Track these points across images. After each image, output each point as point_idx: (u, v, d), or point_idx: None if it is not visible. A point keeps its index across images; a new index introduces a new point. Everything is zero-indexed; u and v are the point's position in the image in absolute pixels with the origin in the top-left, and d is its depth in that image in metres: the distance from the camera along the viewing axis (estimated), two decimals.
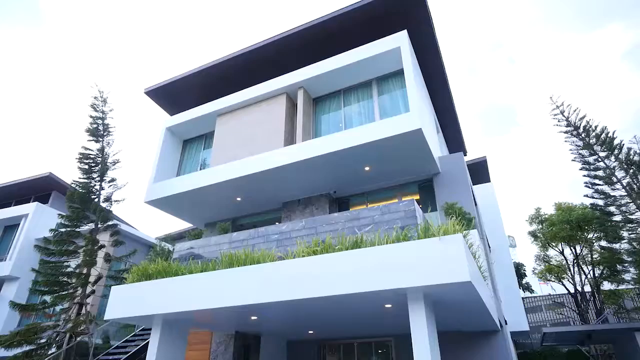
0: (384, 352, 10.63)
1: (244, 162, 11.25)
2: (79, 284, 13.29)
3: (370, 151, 9.93)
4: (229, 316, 8.03)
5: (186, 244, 9.35)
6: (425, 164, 10.62)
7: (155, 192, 12.64)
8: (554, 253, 22.14)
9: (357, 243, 6.21)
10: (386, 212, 7.09)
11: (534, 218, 22.41)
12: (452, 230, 5.60)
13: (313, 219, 7.88)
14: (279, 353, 11.42)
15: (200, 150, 14.20)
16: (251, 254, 7.12)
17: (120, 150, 15.93)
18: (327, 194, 12.07)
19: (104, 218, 14.47)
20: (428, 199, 11.07)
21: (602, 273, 19.62)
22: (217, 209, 13.18)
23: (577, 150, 18.10)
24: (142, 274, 8.18)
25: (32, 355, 12.08)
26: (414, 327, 5.68)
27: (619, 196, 16.94)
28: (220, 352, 10.06)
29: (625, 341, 13.27)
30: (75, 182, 14.79)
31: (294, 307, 6.94)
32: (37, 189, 21.84)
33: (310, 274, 6.16)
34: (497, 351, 9.19)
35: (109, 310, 8.14)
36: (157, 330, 8.17)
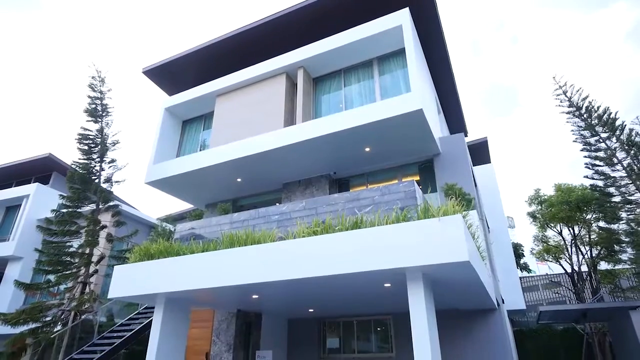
0: (382, 329, 10.85)
1: (244, 143, 11.21)
2: (82, 264, 13.46)
3: (371, 132, 9.88)
4: (230, 295, 8.16)
5: (187, 224, 9.42)
6: (426, 144, 10.59)
7: (156, 173, 12.64)
8: (552, 234, 22.33)
9: (357, 224, 6.25)
10: (386, 193, 7.11)
11: (533, 199, 22.49)
12: (452, 211, 5.63)
13: (313, 199, 7.91)
14: (280, 330, 11.66)
15: (200, 131, 14.13)
16: (252, 234, 7.18)
17: (119, 131, 15.91)
18: (327, 175, 12.08)
19: (105, 199, 14.53)
20: (428, 180, 11.08)
21: (600, 253, 19.83)
22: (217, 189, 13.21)
23: (579, 131, 18.01)
24: (144, 254, 8.27)
25: (38, 333, 12.35)
26: (413, 306, 5.78)
27: (618, 177, 16.94)
28: (222, 330, 10.27)
29: (620, 319, 13.52)
30: (75, 162, 14.80)
31: (294, 286, 7.04)
32: (37, 170, 21.84)
33: (311, 254, 6.23)
34: (494, 329, 9.38)
35: (112, 289, 8.27)
36: (160, 308, 8.32)
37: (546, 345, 18.04)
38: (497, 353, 9.08)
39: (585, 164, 17.77)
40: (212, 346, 10.19)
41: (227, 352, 9.89)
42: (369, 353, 10.76)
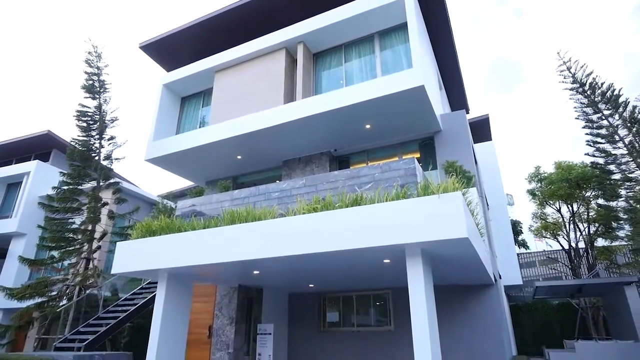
0: (381, 304, 11.08)
1: (244, 120, 11.13)
2: (84, 240, 13.62)
3: (371, 108, 9.79)
4: (231, 271, 8.30)
5: (188, 201, 9.47)
6: (427, 121, 10.52)
7: (155, 150, 12.61)
8: (551, 211, 22.46)
9: (357, 201, 6.28)
10: (386, 170, 7.11)
11: (533, 176, 22.50)
12: (452, 189, 5.65)
13: (313, 177, 7.93)
14: (281, 305, 11.92)
15: (199, 108, 14.01)
16: (252, 211, 7.23)
17: (118, 108, 15.75)
18: (328, 152, 12.05)
19: (106, 176, 14.55)
20: (429, 157, 11.07)
21: (597, 230, 20.01)
22: (217, 167, 13.21)
23: (582, 108, 17.83)
24: (146, 230, 8.36)
25: (44, 307, 12.62)
26: (411, 281, 5.88)
27: (619, 155, 16.89)
28: (224, 304, 10.49)
29: (615, 294, 13.79)
30: (74, 140, 14.74)
31: (295, 262, 7.14)
32: (37, 147, 21.77)
33: (311, 231, 6.29)
34: (490, 304, 9.58)
35: (115, 265, 8.40)
36: (163, 283, 8.47)
37: (541, 319, 18.46)
38: (492, 327, 9.31)
39: (586, 142, 17.69)
40: (215, 320, 10.44)
41: (230, 326, 10.14)
42: (368, 327, 11.02)
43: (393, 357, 10.12)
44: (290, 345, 11.67)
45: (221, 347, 10.02)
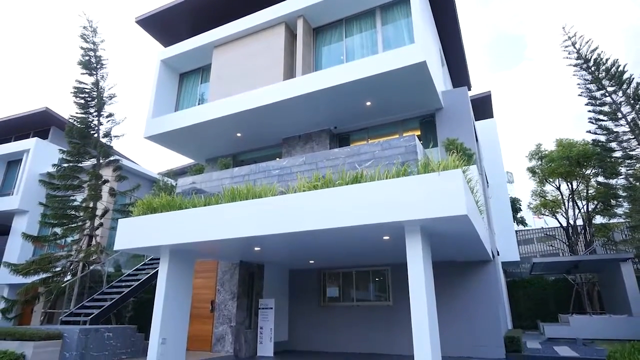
0: (380, 279, 11.27)
1: (243, 97, 11.01)
2: (86, 217, 13.72)
3: (372, 85, 9.67)
4: (233, 247, 8.40)
5: (188, 179, 9.49)
6: (428, 98, 10.41)
7: (154, 127, 12.53)
8: (550, 188, 22.54)
9: (357, 178, 6.29)
10: (387, 148, 7.09)
11: (534, 154, 22.46)
12: (452, 166, 5.64)
13: (313, 154, 7.91)
14: (282, 280, 12.13)
15: (198, 84, 13.83)
16: (253, 188, 7.25)
17: (115, 84, 15.57)
18: (328, 129, 11.98)
19: (105, 153, 14.52)
20: (429, 135, 11.01)
21: (596, 208, 20.13)
22: (217, 144, 13.16)
23: (585, 85, 17.59)
24: (147, 207, 8.41)
25: (49, 282, 12.84)
26: (410, 258, 5.95)
27: (621, 132, 16.78)
28: (226, 280, 10.67)
29: (610, 271, 14.00)
30: (72, 117, 14.63)
31: (295, 239, 7.22)
32: (35, 125, 21.63)
33: (311, 208, 6.33)
34: (487, 279, 9.74)
35: (117, 241, 8.50)
36: (165, 259, 8.59)
37: (537, 294, 18.82)
38: (489, 302, 9.50)
39: (588, 119, 17.55)
40: (217, 295, 10.65)
41: (232, 300, 10.34)
42: (367, 301, 11.25)
43: (391, 330, 10.38)
44: (291, 319, 11.94)
45: (223, 321, 10.25)
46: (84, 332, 8.16)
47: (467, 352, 9.26)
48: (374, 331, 10.66)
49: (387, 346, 10.31)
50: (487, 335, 9.22)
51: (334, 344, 11.06)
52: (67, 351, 8.00)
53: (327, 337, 11.23)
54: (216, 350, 10.06)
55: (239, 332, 10.12)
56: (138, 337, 9.41)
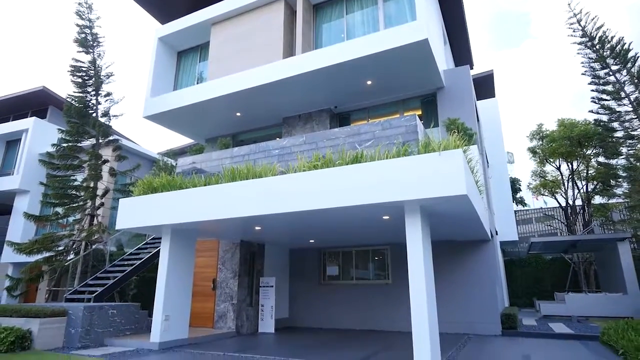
0: (380, 258, 11.40)
1: (242, 76, 10.88)
2: (87, 197, 13.77)
3: (373, 64, 9.54)
4: (233, 226, 8.46)
5: (188, 158, 9.47)
6: (430, 77, 10.28)
7: (153, 107, 12.43)
8: (550, 169, 22.51)
9: (358, 158, 6.28)
10: (387, 128, 7.06)
11: (535, 134, 22.33)
12: (453, 146, 5.63)
13: (314, 134, 7.88)
14: (282, 259, 12.28)
15: (196, 63, 13.64)
16: (253, 168, 7.26)
17: (112, 63, 15.33)
18: (328, 109, 11.89)
19: (104, 133, 14.45)
20: (430, 115, 10.93)
21: (595, 188, 20.16)
22: (217, 124, 13.08)
23: (589, 63, 17.34)
24: (147, 187, 8.44)
25: (52, 261, 13.00)
26: (410, 237, 6.01)
27: (624, 112, 16.65)
28: (227, 259, 10.80)
29: (608, 250, 14.14)
30: (70, 96, 14.49)
31: (295, 219, 7.27)
32: (33, 104, 21.44)
33: (311, 188, 6.35)
34: (485, 259, 9.86)
35: (119, 221, 8.56)
36: (167, 239, 8.68)
37: (534, 273, 19.06)
38: (486, 280, 9.64)
39: (591, 98, 17.37)
40: (219, 273, 10.79)
41: (233, 279, 10.50)
42: (366, 280, 11.41)
43: (390, 308, 10.57)
44: (292, 297, 12.15)
45: (225, 298, 10.43)
46: (89, 310, 8.32)
47: (464, 328, 9.46)
48: (373, 308, 10.85)
49: (386, 323, 10.52)
50: (484, 313, 9.40)
51: (333, 321, 11.29)
52: (72, 327, 8.18)
53: (327, 314, 11.45)
54: (218, 326, 10.28)
55: (241, 309, 10.31)
56: (142, 314, 9.59)
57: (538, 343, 8.15)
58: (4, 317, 8.30)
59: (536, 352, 7.15)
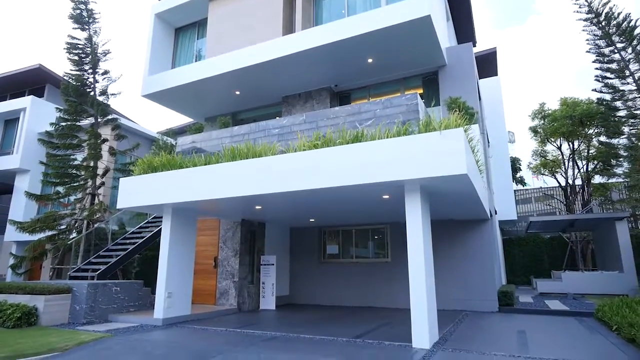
0: (379, 237, 11.51)
1: (241, 54, 10.71)
2: (88, 176, 13.79)
3: (375, 41, 9.37)
4: (234, 205, 8.51)
5: (188, 138, 9.43)
6: (432, 55, 10.12)
7: (151, 85, 12.30)
8: (551, 148, 22.45)
9: (358, 137, 6.26)
10: (388, 106, 7.00)
11: (536, 113, 22.16)
12: (454, 125, 5.60)
13: (314, 113, 7.82)
14: (283, 238, 12.39)
15: (194, 40, 13.40)
16: (253, 147, 7.24)
17: (109, 40, 15.06)
18: (328, 87, 11.76)
19: (103, 112, 14.34)
20: (432, 93, 10.82)
21: (595, 167, 20.16)
22: (216, 102, 12.97)
23: (594, 41, 17.05)
24: (147, 166, 8.44)
25: (55, 239, 13.13)
26: (409, 216, 6.05)
27: (627, 91, 16.48)
28: (228, 237, 10.90)
29: (605, 229, 14.26)
30: (67, 74, 14.31)
31: (295, 198, 7.30)
32: (30, 83, 21.19)
33: (312, 167, 6.34)
34: (484, 237, 9.95)
35: (120, 200, 8.60)
36: (168, 217, 8.74)
37: (532, 252, 19.29)
38: (485, 259, 9.76)
39: (595, 76, 17.16)
40: (220, 252, 10.92)
41: (234, 257, 10.62)
42: (366, 258, 11.55)
43: (390, 286, 10.74)
44: (292, 275, 12.33)
45: (227, 276, 10.58)
46: (92, 287, 8.46)
47: (462, 306, 9.64)
48: (372, 286, 11.03)
49: (385, 300, 10.71)
50: (482, 290, 9.56)
51: (334, 298, 11.49)
52: (77, 304, 8.33)
53: (327, 291, 11.64)
54: (220, 303, 10.47)
55: (242, 286, 10.48)
56: (145, 292, 9.75)
57: (533, 319, 8.32)
58: (10, 294, 8.45)
59: (531, 327, 7.30)
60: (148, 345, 6.19)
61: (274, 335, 6.77)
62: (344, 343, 6.10)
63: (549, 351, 5.39)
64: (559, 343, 6.05)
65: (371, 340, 6.17)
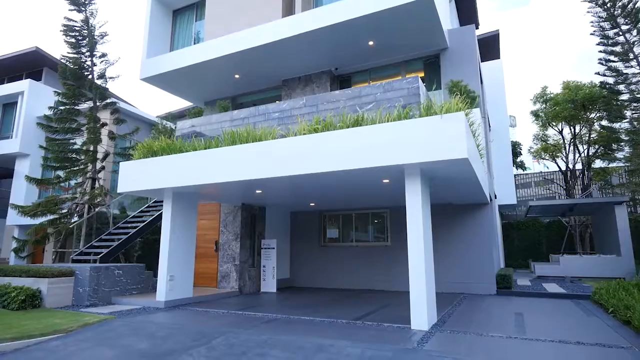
0: (379, 221, 11.57)
1: (240, 36, 10.56)
2: (88, 160, 13.78)
3: (376, 22, 9.23)
4: (234, 190, 8.52)
5: (187, 122, 9.39)
6: (434, 37, 9.98)
7: (150, 68, 12.17)
8: (552, 132, 22.35)
9: (358, 121, 6.23)
10: (389, 90, 6.94)
11: (538, 97, 21.99)
12: (455, 109, 5.56)
13: (314, 96, 7.76)
14: (283, 222, 12.46)
15: (192, 22, 13.20)
16: (253, 131, 7.21)
17: (106, 22, 14.83)
18: (329, 71, 11.64)
19: (101, 95, 14.24)
20: (433, 77, 10.72)
21: (596, 152, 20.12)
22: (215, 86, 12.85)
23: (599, 23, 16.80)
24: (147, 150, 8.42)
25: (57, 223, 13.21)
26: (409, 200, 6.07)
27: (631, 74, 16.33)
28: (229, 221, 10.96)
29: (604, 213, 14.31)
30: (64, 57, 14.15)
31: (296, 182, 7.31)
32: (27, 66, 20.97)
33: (312, 151, 6.33)
34: (483, 222, 10.00)
35: (120, 184, 8.62)
36: (169, 202, 8.77)
37: (530, 236, 19.42)
38: (483, 242, 9.83)
39: (598, 60, 16.98)
40: (221, 235, 10.99)
41: (235, 241, 10.70)
42: (366, 242, 11.64)
43: (389, 269, 10.85)
44: (293, 258, 12.45)
45: (228, 259, 10.69)
46: (95, 270, 8.54)
47: (461, 288, 9.76)
48: (372, 270, 11.14)
49: (385, 283, 10.83)
50: (480, 274, 9.66)
51: (334, 281, 11.62)
52: (80, 287, 8.44)
53: (328, 275, 11.77)
54: (222, 286, 10.60)
55: (243, 270, 10.60)
56: (147, 275, 9.86)
57: (531, 302, 8.44)
58: (14, 277, 8.55)
59: (528, 309, 7.41)
60: (151, 326, 6.30)
61: (274, 317, 6.88)
62: (344, 325, 6.20)
63: (545, 333, 5.49)
64: (556, 325, 6.15)
65: (371, 322, 6.27)
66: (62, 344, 5.38)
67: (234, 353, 4.74)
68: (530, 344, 4.91)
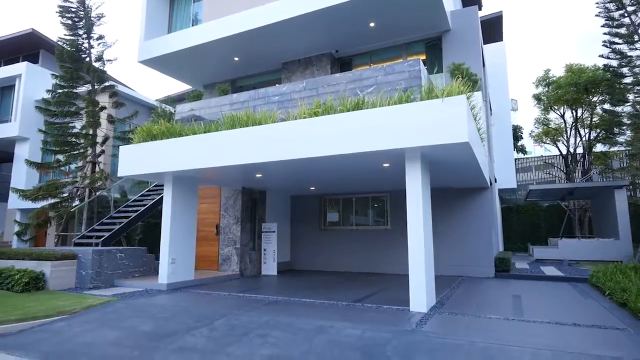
0: (379, 205, 11.61)
1: (239, 18, 10.39)
2: (87, 144, 13.75)
3: (377, 3, 9.06)
4: (234, 174, 8.53)
5: (187, 105, 9.32)
6: (436, 19, 9.81)
7: (148, 51, 12.01)
8: (554, 116, 22.20)
9: (359, 104, 6.18)
10: (390, 73, 6.86)
11: (541, 80, 21.75)
12: (456, 92, 5.51)
13: (314, 80, 7.69)
14: (284, 206, 12.51)
15: (191, 3, 12.97)
16: (253, 115, 7.17)
17: (103, 3, 14.58)
18: (329, 53, 11.49)
19: (100, 78, 14.11)
20: (435, 59, 10.59)
21: (598, 136, 20.02)
22: (214, 69, 12.71)
23: (604, 4, 16.49)
24: (147, 134, 8.39)
25: (58, 207, 13.27)
26: (410, 184, 6.07)
27: (635, 57, 16.11)
28: (229, 205, 11.00)
29: (604, 197, 14.34)
30: (61, 39, 13.96)
31: (296, 166, 7.31)
32: (23, 48, 20.69)
33: (312, 135, 6.31)
34: (483, 205, 10.03)
35: (120, 168, 8.62)
36: (169, 185, 8.79)
37: (530, 219, 19.50)
38: (483, 226, 9.89)
39: (602, 42, 16.72)
40: (221, 219, 11.05)
41: (235, 225, 10.77)
42: (366, 226, 11.70)
43: (389, 252, 10.94)
44: (293, 242, 12.54)
45: (229, 243, 10.77)
46: (97, 253, 8.62)
47: (460, 271, 9.86)
48: (372, 253, 11.24)
49: (385, 266, 10.94)
50: (479, 257, 9.75)
51: (334, 264, 11.73)
52: (82, 270, 8.53)
53: (328, 258, 11.88)
54: (223, 269, 10.71)
55: (244, 253, 10.69)
56: (149, 258, 9.95)
57: (529, 284, 8.53)
58: (17, 260, 8.63)
59: (526, 292, 7.50)
60: (154, 308, 6.39)
61: (275, 300, 6.97)
62: (344, 307, 6.29)
63: (542, 314, 5.57)
64: (553, 307, 6.24)
65: (370, 304, 6.36)
66: (66, 325, 5.48)
67: (235, 334, 4.82)
68: (528, 326, 4.99)
